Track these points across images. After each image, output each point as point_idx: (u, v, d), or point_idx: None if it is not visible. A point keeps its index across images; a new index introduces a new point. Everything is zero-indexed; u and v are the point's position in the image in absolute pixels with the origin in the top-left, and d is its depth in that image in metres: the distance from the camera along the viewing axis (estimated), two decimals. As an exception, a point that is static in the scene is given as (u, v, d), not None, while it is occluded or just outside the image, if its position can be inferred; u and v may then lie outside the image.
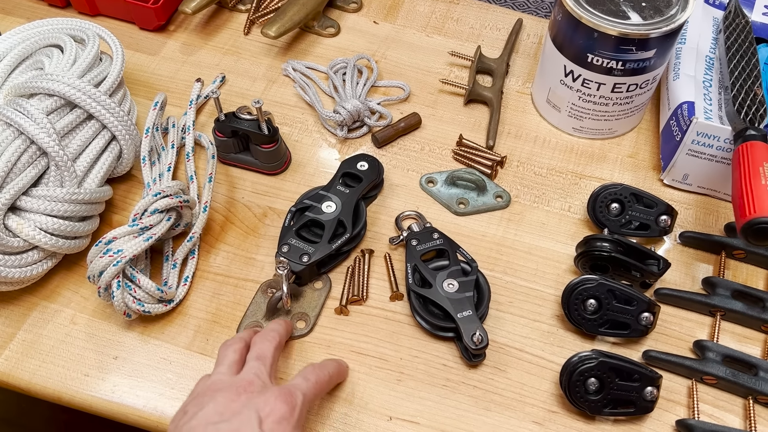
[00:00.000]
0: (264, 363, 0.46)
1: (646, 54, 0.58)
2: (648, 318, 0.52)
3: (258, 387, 0.43)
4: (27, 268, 0.53)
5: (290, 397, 0.43)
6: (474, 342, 0.50)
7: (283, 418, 0.41)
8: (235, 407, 0.42)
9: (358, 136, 0.67)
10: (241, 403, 0.42)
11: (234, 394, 0.42)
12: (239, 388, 0.43)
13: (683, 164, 0.61)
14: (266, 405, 0.42)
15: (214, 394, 0.43)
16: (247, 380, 0.44)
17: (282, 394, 0.43)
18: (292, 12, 0.71)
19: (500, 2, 0.78)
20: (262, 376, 0.44)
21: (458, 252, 0.56)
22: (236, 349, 0.47)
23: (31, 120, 0.53)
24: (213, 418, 0.41)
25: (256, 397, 0.42)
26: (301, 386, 0.45)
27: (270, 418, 0.41)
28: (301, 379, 0.46)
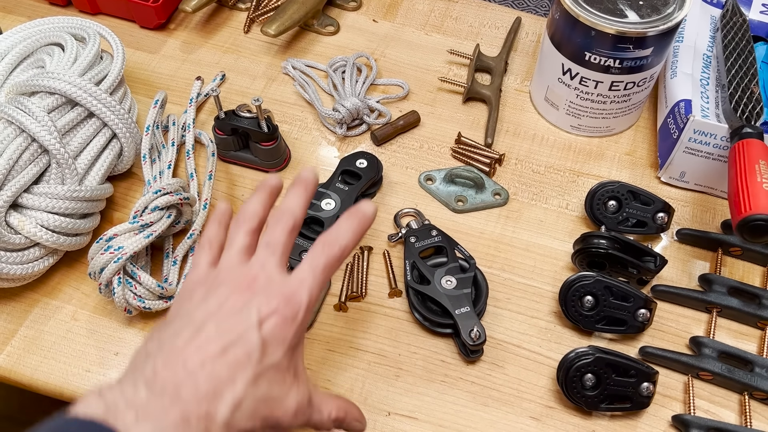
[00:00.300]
0: (274, 252, 0.41)
1: (643, 52, 0.58)
2: (645, 314, 0.53)
3: (262, 282, 0.40)
4: (28, 264, 0.54)
5: (295, 299, 0.39)
6: (472, 338, 0.51)
7: (285, 323, 0.39)
8: (236, 305, 0.39)
9: (358, 134, 0.67)
10: (242, 300, 0.39)
11: (237, 290, 0.40)
12: (242, 284, 0.40)
13: (680, 162, 0.61)
14: (268, 306, 0.39)
15: (218, 288, 0.40)
16: (252, 275, 0.40)
17: (287, 295, 0.39)
18: (291, 10, 0.71)
19: (499, 1, 0.79)
20: (268, 268, 0.41)
21: (456, 249, 0.57)
22: (247, 231, 0.43)
23: (32, 118, 0.53)
24: (214, 311, 0.39)
25: (258, 294, 0.39)
26: (307, 281, 0.40)
27: (270, 321, 0.38)
28: (308, 269, 0.41)
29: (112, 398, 0.34)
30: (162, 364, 0.36)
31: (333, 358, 0.53)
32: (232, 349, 0.37)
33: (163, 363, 0.36)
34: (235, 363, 0.37)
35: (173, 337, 0.38)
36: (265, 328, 0.38)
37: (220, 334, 0.37)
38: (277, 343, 0.38)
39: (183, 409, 0.34)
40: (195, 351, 0.37)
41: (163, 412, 0.34)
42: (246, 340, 0.37)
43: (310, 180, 0.45)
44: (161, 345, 0.38)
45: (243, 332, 0.37)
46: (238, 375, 0.36)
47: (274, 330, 0.38)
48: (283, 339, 0.38)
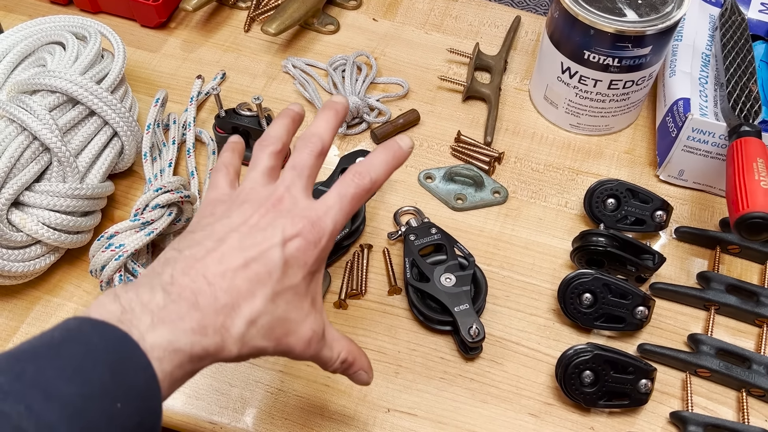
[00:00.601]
0: (300, 174, 0.41)
1: (642, 51, 0.58)
2: (643, 312, 0.53)
3: (288, 204, 0.39)
4: (30, 262, 0.54)
5: (319, 225, 0.39)
6: (471, 335, 0.51)
7: (308, 246, 0.38)
8: (261, 223, 0.38)
9: (357, 133, 0.67)
10: (267, 219, 0.38)
11: (262, 208, 0.39)
12: (268, 203, 0.39)
13: (679, 160, 0.61)
14: (293, 227, 0.38)
15: (242, 205, 0.40)
16: (277, 196, 0.40)
17: (312, 220, 0.39)
18: (291, 9, 0.71)
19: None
20: (294, 191, 0.40)
21: (456, 247, 0.57)
22: (272, 153, 0.43)
23: (33, 116, 0.53)
24: (237, 226, 0.38)
25: (284, 215, 0.38)
26: (334, 209, 0.40)
27: (294, 242, 0.38)
28: (335, 197, 0.40)
29: (127, 301, 0.34)
30: (181, 270, 0.36)
31: (333, 355, 0.54)
32: (254, 264, 0.36)
33: (182, 270, 0.36)
34: (256, 278, 0.36)
35: (194, 245, 0.37)
36: (289, 248, 0.37)
37: (242, 248, 0.37)
38: (299, 265, 0.38)
39: (200, 318, 0.34)
40: (216, 261, 0.36)
41: (180, 319, 0.34)
42: (269, 257, 0.37)
43: (340, 106, 0.44)
44: (181, 252, 0.37)
45: (266, 249, 0.37)
46: (257, 290, 0.36)
47: (297, 252, 0.38)
48: (305, 262, 0.38)
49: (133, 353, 0.32)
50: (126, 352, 0.32)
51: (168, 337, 0.33)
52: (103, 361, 0.31)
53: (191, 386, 0.52)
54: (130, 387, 0.31)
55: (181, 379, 0.34)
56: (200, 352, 0.34)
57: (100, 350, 0.31)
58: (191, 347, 0.34)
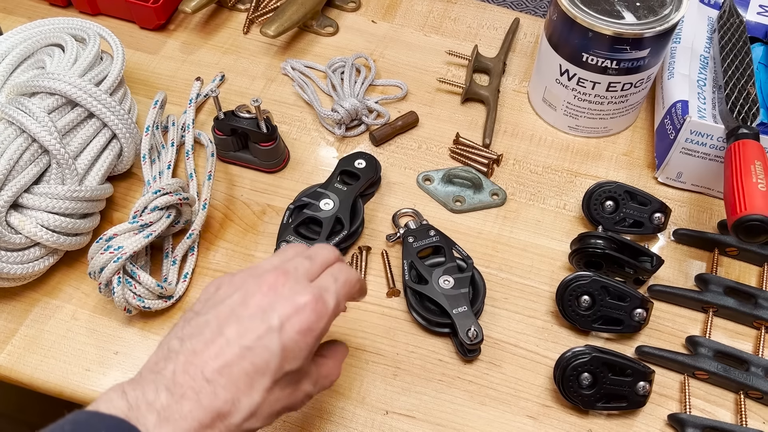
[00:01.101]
0: (312, 263, 0.42)
1: (640, 53, 0.59)
2: (641, 314, 0.53)
3: (292, 280, 0.40)
4: (29, 264, 0.54)
5: (321, 303, 0.39)
6: (469, 337, 0.51)
7: (308, 329, 0.39)
8: (262, 304, 0.39)
9: (356, 135, 0.67)
10: (268, 300, 0.39)
11: (266, 288, 0.40)
12: (273, 281, 0.40)
13: (677, 162, 0.61)
14: (293, 305, 0.39)
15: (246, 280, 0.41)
16: (285, 269, 0.41)
17: (312, 298, 0.39)
18: (290, 11, 0.72)
19: (498, 2, 0.79)
20: (302, 270, 0.41)
21: (454, 249, 0.57)
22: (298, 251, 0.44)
23: (32, 118, 0.53)
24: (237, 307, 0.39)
25: (284, 295, 0.39)
26: (331, 288, 0.41)
27: (293, 322, 0.38)
28: (331, 279, 0.42)
29: (134, 398, 0.36)
30: (182, 368, 0.37)
31: (331, 357, 0.54)
32: (251, 354, 0.37)
33: (183, 367, 0.37)
34: (254, 369, 0.37)
35: (195, 335, 0.39)
36: (287, 330, 0.38)
37: (241, 335, 0.38)
38: (299, 349, 0.39)
39: (202, 417, 0.36)
40: (214, 356, 0.37)
41: (183, 418, 0.36)
42: (266, 346, 0.38)
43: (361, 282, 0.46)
44: (183, 343, 0.38)
45: (264, 336, 0.38)
46: (255, 383, 0.37)
47: (297, 336, 0.38)
48: (305, 345, 0.39)
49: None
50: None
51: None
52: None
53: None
54: None
55: None
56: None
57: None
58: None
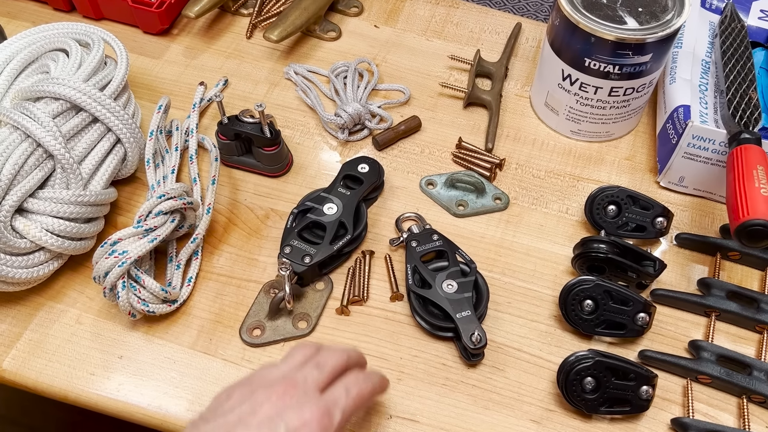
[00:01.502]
0: (320, 372, 0.43)
1: (642, 58, 0.59)
2: (644, 318, 0.53)
3: (300, 392, 0.41)
4: (33, 269, 0.54)
5: (327, 418, 0.40)
6: (473, 342, 0.51)
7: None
8: (270, 413, 0.40)
9: (359, 139, 0.68)
10: (277, 409, 0.40)
11: (275, 397, 0.40)
12: (281, 391, 0.41)
13: (679, 167, 0.62)
14: (299, 419, 0.39)
15: (257, 390, 0.41)
16: (294, 381, 0.42)
17: (319, 412, 0.40)
18: (293, 16, 0.72)
19: (499, 6, 0.79)
20: (310, 381, 0.42)
21: (457, 253, 0.57)
22: (306, 355, 0.45)
23: (37, 123, 0.54)
24: (246, 416, 0.40)
25: (292, 407, 0.40)
26: (341, 402, 0.42)
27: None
28: (343, 391, 0.43)
29: None
30: None
31: (335, 361, 0.54)
32: None
33: None
34: None
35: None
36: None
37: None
38: None
39: None
40: None
41: None
42: None
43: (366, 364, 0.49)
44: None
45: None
46: None
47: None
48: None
49: None
50: None
51: None
52: None
53: (193, 392, 0.52)
54: None
55: None
56: None
57: None
58: None
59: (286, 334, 0.55)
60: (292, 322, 0.55)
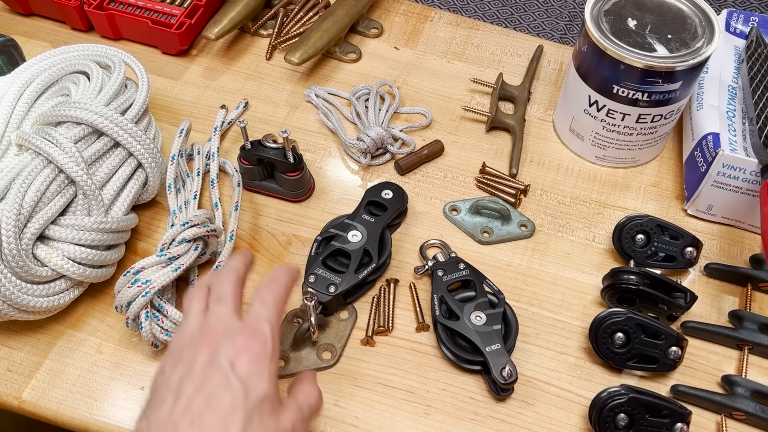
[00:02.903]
0: (225, 304, 0.44)
1: (672, 86, 0.58)
2: (676, 352, 0.52)
3: (222, 331, 0.42)
4: (54, 297, 0.53)
5: (257, 333, 0.41)
6: (503, 377, 0.50)
7: (257, 356, 0.40)
8: (205, 359, 0.40)
9: (381, 163, 0.67)
10: (209, 353, 0.41)
11: (202, 346, 0.41)
12: (205, 339, 0.42)
13: (708, 195, 0.61)
14: (234, 347, 0.40)
15: (184, 351, 0.42)
16: (212, 327, 0.42)
17: (249, 332, 0.41)
18: (314, 38, 0.71)
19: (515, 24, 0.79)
20: (224, 319, 0.43)
21: (485, 283, 0.56)
22: (200, 298, 0.46)
23: (59, 149, 0.53)
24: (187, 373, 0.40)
25: (223, 343, 0.41)
26: (263, 315, 0.43)
27: (242, 359, 0.40)
28: (260, 306, 0.44)
29: None
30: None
31: (361, 394, 0.53)
32: (215, 399, 0.38)
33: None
34: (223, 411, 0.38)
35: (157, 409, 0.39)
36: (239, 367, 0.40)
37: (198, 389, 0.39)
38: (256, 376, 0.40)
39: None
40: (183, 412, 0.38)
41: None
42: (226, 386, 0.39)
43: (246, 251, 0.49)
44: (149, 422, 0.39)
45: (220, 380, 0.39)
46: (229, 421, 0.38)
47: (249, 366, 0.40)
48: (260, 370, 0.40)
49: None
50: None
51: None
52: None
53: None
54: None
55: None
56: None
57: None
58: None
59: (310, 365, 0.54)
60: (317, 352, 0.54)
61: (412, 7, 0.81)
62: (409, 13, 0.80)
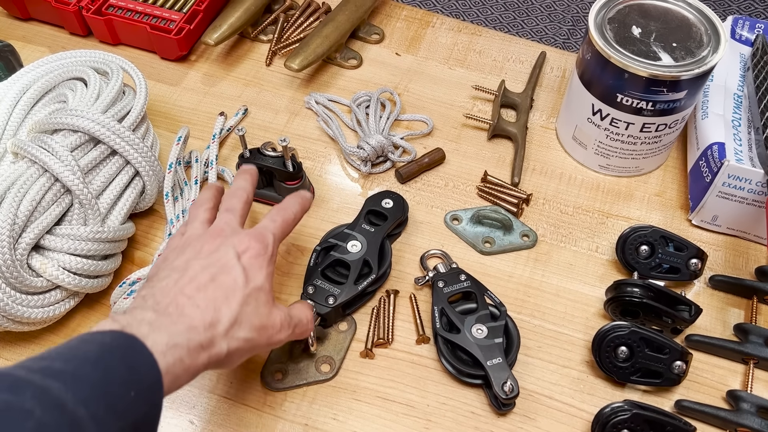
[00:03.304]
0: (234, 214, 0.48)
1: (677, 95, 0.57)
2: (681, 367, 0.51)
3: (230, 232, 0.46)
4: (49, 308, 0.52)
5: (262, 237, 0.46)
6: (505, 392, 0.49)
7: (259, 254, 0.45)
8: (213, 247, 0.45)
9: (382, 171, 0.66)
10: (217, 244, 0.45)
11: (210, 239, 0.45)
12: (213, 234, 0.46)
13: (713, 206, 0.60)
14: (241, 243, 0.45)
15: (190, 244, 0.46)
16: (219, 227, 0.47)
17: (254, 235, 0.46)
18: (315, 44, 0.70)
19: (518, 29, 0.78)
20: (232, 224, 0.47)
21: (486, 295, 0.55)
22: (207, 208, 0.50)
23: (55, 157, 0.52)
24: (194, 256, 0.44)
25: (230, 238, 0.45)
26: (270, 227, 0.47)
27: (246, 254, 0.44)
28: (269, 221, 0.48)
29: (125, 320, 0.39)
30: (161, 295, 0.41)
31: (360, 407, 0.52)
32: (220, 276, 0.43)
33: (162, 294, 0.41)
34: (225, 287, 0.42)
35: (163, 279, 0.43)
36: (244, 259, 0.44)
37: (205, 267, 0.43)
38: (257, 269, 0.44)
39: (189, 321, 0.40)
40: (188, 282, 0.42)
41: (173, 324, 0.39)
42: (230, 269, 0.43)
43: (251, 169, 0.54)
44: (153, 287, 0.42)
45: (226, 263, 0.43)
46: (230, 297, 0.42)
47: (251, 260, 0.44)
48: (260, 266, 0.44)
49: (141, 350, 0.37)
50: (135, 348, 0.37)
51: (166, 339, 0.38)
52: (118, 355, 0.36)
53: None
54: (141, 378, 0.36)
55: (179, 378, 0.38)
56: (195, 346, 0.39)
57: (114, 347, 0.36)
58: (188, 342, 0.39)
59: (308, 378, 0.53)
60: (315, 365, 0.54)
61: (414, 13, 0.80)
62: (410, 19, 0.79)
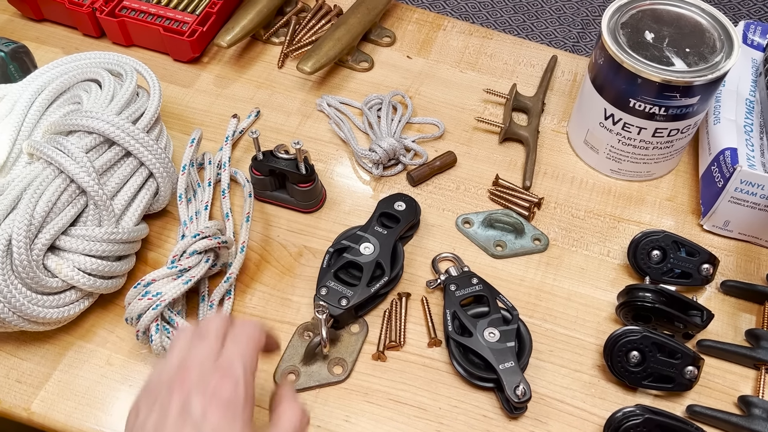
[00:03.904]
0: (208, 340, 0.42)
1: (690, 101, 0.57)
2: (692, 372, 0.51)
3: (196, 371, 0.40)
4: (64, 308, 0.53)
5: (229, 375, 0.40)
6: (517, 395, 0.50)
7: (228, 402, 0.39)
8: (177, 406, 0.39)
9: (393, 174, 0.66)
10: (181, 400, 0.39)
11: (175, 389, 0.40)
12: (178, 380, 0.40)
13: (725, 211, 0.60)
14: (204, 394, 0.39)
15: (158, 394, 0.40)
16: (185, 366, 0.41)
17: (220, 375, 0.40)
18: (327, 47, 0.71)
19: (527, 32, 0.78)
20: (201, 356, 0.41)
21: (498, 299, 0.56)
22: (187, 338, 0.44)
23: (71, 159, 0.53)
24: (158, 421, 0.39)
25: (194, 387, 0.39)
26: (236, 353, 0.41)
27: (213, 408, 0.38)
28: (232, 345, 0.42)
29: None
30: None
31: (372, 410, 0.52)
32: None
33: None
34: None
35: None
36: (210, 417, 0.38)
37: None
38: (228, 426, 0.38)
39: None
40: None
41: None
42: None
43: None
44: None
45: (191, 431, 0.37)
46: None
47: (220, 416, 0.38)
48: (233, 418, 0.38)
49: None
50: None
51: None
52: None
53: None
54: None
55: None
56: None
57: None
58: None
59: (321, 380, 0.53)
60: (328, 367, 0.54)
61: (425, 16, 0.80)
62: (422, 22, 0.79)
